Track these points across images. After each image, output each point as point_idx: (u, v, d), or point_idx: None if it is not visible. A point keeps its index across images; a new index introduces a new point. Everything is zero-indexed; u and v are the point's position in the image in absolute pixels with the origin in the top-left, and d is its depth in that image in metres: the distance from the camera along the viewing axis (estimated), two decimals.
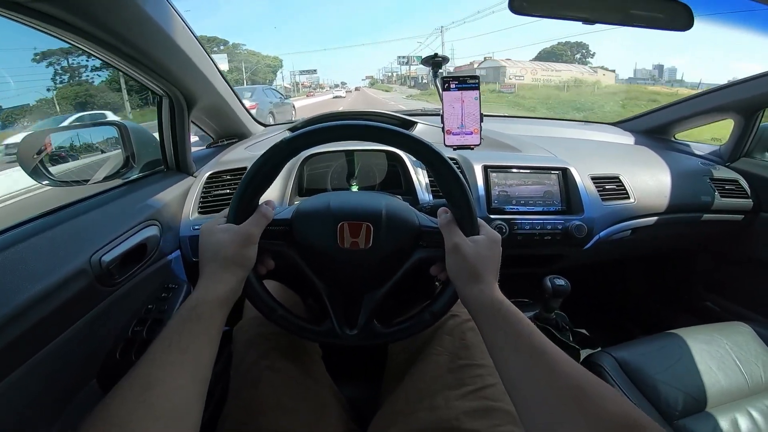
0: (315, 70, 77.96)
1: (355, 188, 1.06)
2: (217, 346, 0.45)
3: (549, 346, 0.41)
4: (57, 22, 0.59)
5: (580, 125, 1.53)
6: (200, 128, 1.18)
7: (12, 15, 0.56)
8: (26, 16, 0.56)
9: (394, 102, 22.25)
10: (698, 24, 0.76)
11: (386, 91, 51.52)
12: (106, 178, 0.97)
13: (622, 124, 1.52)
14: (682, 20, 0.77)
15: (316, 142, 0.55)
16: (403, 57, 57.71)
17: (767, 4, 0.67)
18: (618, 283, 1.66)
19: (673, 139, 1.44)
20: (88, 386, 0.63)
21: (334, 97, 37.49)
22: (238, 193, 0.53)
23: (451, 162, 0.52)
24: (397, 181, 1.06)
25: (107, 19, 0.64)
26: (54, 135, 1.01)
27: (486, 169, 0.99)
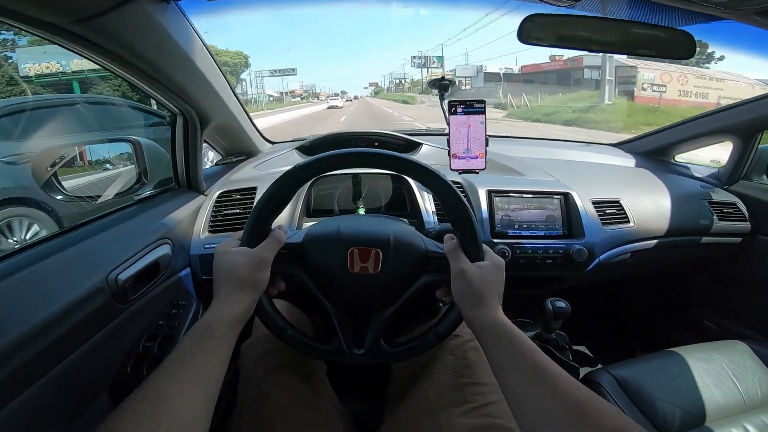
0: (294, 69, 55.13)
1: (361, 210, 1.08)
2: (228, 364, 0.47)
3: (550, 365, 0.43)
4: (85, 42, 0.62)
5: (582, 146, 1.55)
6: (210, 145, 1.20)
7: (46, 35, 0.59)
8: (59, 36, 0.59)
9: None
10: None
11: (406, 102, 36.55)
12: (119, 194, 0.99)
13: (623, 145, 1.54)
14: (684, 48, 0.78)
15: (326, 169, 0.57)
16: (419, 57, 45.97)
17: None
18: (618, 302, 1.67)
19: (673, 161, 1.46)
20: (99, 400, 0.65)
21: (329, 107, 33.68)
22: (252, 218, 0.55)
23: (456, 189, 0.55)
24: (402, 203, 1.08)
25: (134, 41, 0.67)
26: (68, 148, 1.04)
27: (490, 193, 1.01)
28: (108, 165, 1.03)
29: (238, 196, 1.02)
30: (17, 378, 0.49)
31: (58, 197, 0.99)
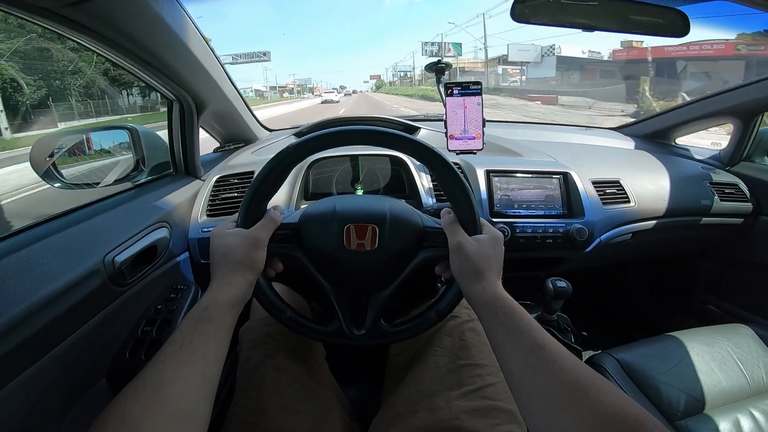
0: (266, 53, 46.05)
1: (360, 192, 1.08)
2: (227, 346, 0.46)
3: (549, 341, 0.43)
4: (78, 26, 0.62)
5: (581, 130, 1.55)
6: (208, 132, 1.20)
7: (38, 20, 0.59)
8: (51, 21, 0.59)
9: None
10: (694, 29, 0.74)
11: (429, 98, 23.51)
12: (117, 181, 0.99)
13: (623, 129, 1.54)
14: (678, 27, 0.79)
15: (321, 147, 0.57)
16: (432, 44, 38.09)
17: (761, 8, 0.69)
18: (620, 285, 1.67)
19: (673, 143, 1.45)
20: (97, 385, 0.65)
21: (323, 102, 31.54)
22: (247, 198, 0.55)
23: (452, 164, 0.54)
24: (401, 185, 1.08)
25: (127, 25, 0.67)
26: (65, 137, 1.04)
27: (488, 173, 1.01)
28: (123, 152, 1.04)
29: (235, 181, 1.02)
30: (13, 360, 0.48)
31: (57, 185, 0.99)
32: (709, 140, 1.72)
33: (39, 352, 0.52)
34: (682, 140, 1.47)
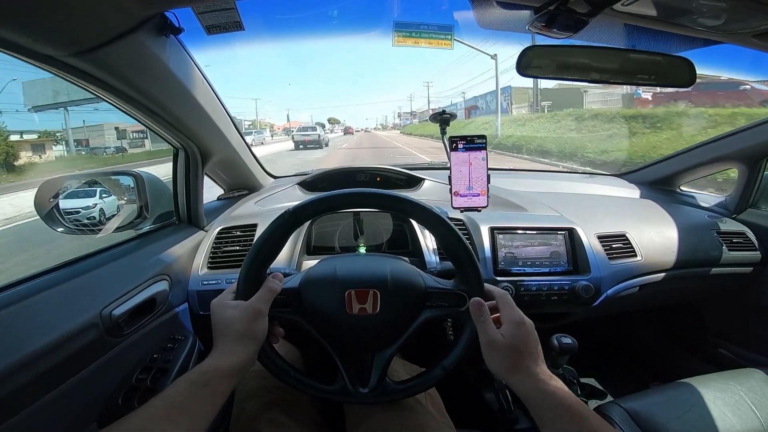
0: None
1: (362, 248, 1.07)
2: (217, 413, 0.47)
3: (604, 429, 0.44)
4: (83, 74, 0.63)
5: (585, 178, 1.55)
6: (212, 179, 1.21)
7: (43, 67, 0.60)
8: (56, 68, 0.60)
9: None
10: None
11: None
12: (119, 228, 0.99)
13: (627, 175, 1.53)
14: (684, 76, 0.78)
15: (315, 214, 0.58)
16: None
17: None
18: (628, 333, 1.64)
19: (678, 190, 1.45)
20: (87, 429, 0.64)
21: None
22: (245, 269, 0.55)
23: (453, 225, 0.55)
24: (404, 241, 1.07)
25: (133, 74, 0.68)
26: (71, 180, 1.04)
27: (492, 231, 1.00)
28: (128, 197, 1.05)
29: (238, 233, 1.02)
30: (5, 404, 0.49)
31: (59, 229, 0.99)
32: None
33: (33, 397, 0.53)
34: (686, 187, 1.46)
